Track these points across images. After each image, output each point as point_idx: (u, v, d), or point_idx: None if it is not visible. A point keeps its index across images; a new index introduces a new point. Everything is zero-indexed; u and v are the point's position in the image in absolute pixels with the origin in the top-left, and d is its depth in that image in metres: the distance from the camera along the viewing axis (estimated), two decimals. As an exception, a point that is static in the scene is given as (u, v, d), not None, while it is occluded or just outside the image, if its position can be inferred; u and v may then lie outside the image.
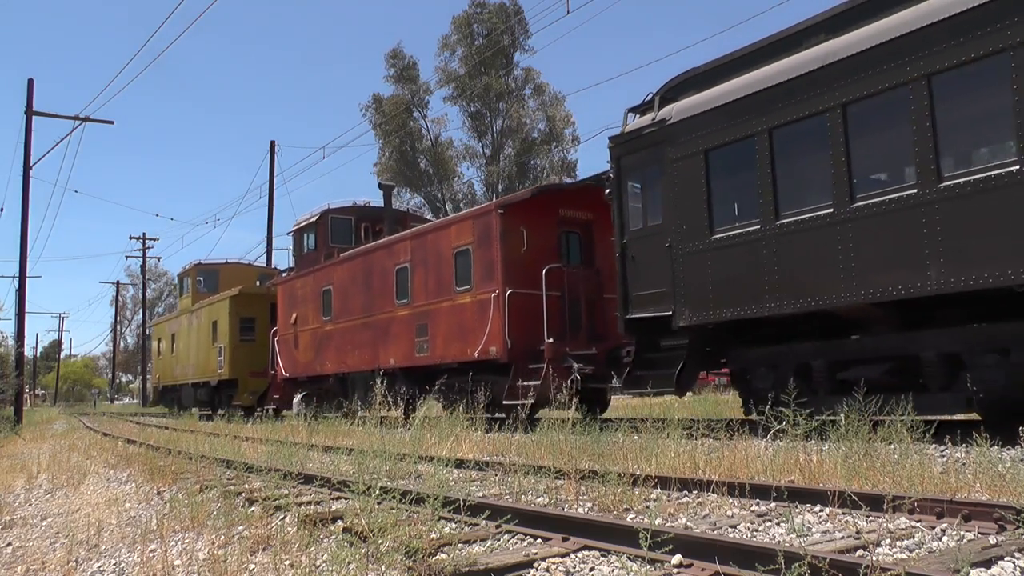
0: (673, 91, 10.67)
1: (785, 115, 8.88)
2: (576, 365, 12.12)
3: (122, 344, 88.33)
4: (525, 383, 12.52)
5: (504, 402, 12.71)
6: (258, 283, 25.75)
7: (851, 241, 8.15)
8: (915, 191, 7.69)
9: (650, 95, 10.89)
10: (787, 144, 8.94)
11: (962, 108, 7.64)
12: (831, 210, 8.36)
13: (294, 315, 20.06)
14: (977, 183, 7.28)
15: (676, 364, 10.13)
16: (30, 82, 26.74)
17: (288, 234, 29.95)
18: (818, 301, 8.49)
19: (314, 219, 19.73)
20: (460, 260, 14.11)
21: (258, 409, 23.14)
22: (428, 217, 19.65)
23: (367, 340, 16.80)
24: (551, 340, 12.43)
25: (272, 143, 34.49)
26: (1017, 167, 7.04)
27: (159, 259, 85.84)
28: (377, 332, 16.41)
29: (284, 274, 21.81)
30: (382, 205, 19.72)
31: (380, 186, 20.57)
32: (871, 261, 7.99)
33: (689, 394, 14.59)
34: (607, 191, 11.29)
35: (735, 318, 9.39)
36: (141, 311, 63.32)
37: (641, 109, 11.11)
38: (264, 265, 27.57)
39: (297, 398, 19.17)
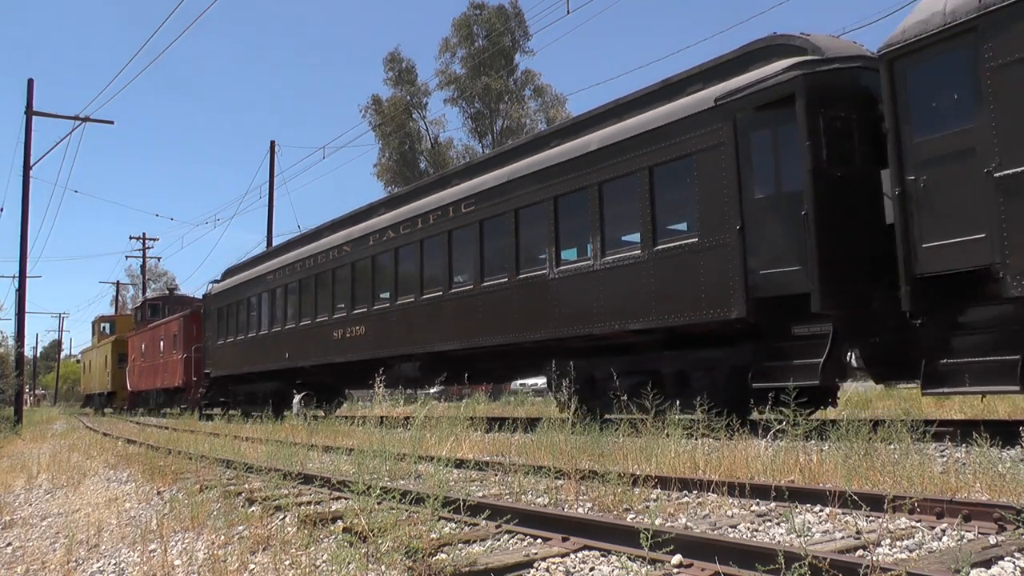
0: (224, 275, 25.15)
1: (235, 299, 23.12)
2: (202, 389, 26.20)
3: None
4: (188, 396, 28.53)
5: (181, 406, 28.33)
6: None
7: (260, 348, 21.13)
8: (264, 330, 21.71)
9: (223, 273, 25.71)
10: (235, 311, 23.12)
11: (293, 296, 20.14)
12: (244, 336, 22.25)
13: (133, 355, 37.57)
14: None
15: (210, 394, 25.50)
16: (30, 82, 26.68)
17: (130, 310, 51.08)
18: (253, 367, 21.47)
19: (140, 304, 40.63)
20: (175, 337, 30.21)
21: (125, 407, 39.99)
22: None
23: (152, 372, 33.69)
24: (195, 378, 27.67)
25: (272, 143, 34.49)
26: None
27: (159, 259, 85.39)
28: (155, 368, 33.11)
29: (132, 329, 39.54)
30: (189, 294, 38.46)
31: (167, 287, 37.79)
32: (259, 357, 21.20)
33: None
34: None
35: (226, 374, 23.88)
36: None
37: (217, 280, 25.65)
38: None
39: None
